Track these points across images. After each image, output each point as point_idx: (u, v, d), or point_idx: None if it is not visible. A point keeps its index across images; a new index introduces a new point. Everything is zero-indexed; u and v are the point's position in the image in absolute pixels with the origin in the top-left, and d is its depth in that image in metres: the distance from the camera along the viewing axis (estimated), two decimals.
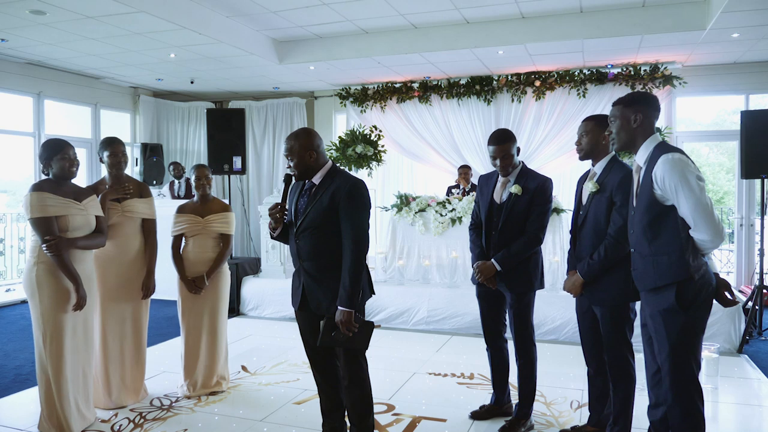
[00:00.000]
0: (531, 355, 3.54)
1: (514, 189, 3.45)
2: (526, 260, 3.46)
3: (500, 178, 3.55)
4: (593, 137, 3.15)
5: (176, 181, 8.87)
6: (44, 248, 3.32)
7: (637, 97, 2.75)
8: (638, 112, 2.70)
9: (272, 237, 3.11)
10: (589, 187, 3.15)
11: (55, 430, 3.45)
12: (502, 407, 3.78)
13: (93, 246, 3.60)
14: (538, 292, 3.61)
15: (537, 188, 3.43)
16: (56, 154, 3.43)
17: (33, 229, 3.37)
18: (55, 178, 3.48)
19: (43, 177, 3.53)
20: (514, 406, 3.69)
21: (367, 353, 3.25)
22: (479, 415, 3.79)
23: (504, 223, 3.47)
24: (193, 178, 4.30)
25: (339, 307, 2.83)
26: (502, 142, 3.44)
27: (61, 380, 3.43)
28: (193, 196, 4.38)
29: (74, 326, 3.50)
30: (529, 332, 3.53)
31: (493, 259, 3.47)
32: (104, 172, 4.04)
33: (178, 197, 8.65)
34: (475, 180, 8.36)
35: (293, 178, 3.01)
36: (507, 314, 3.62)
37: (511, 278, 3.47)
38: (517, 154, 3.51)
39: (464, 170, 8.06)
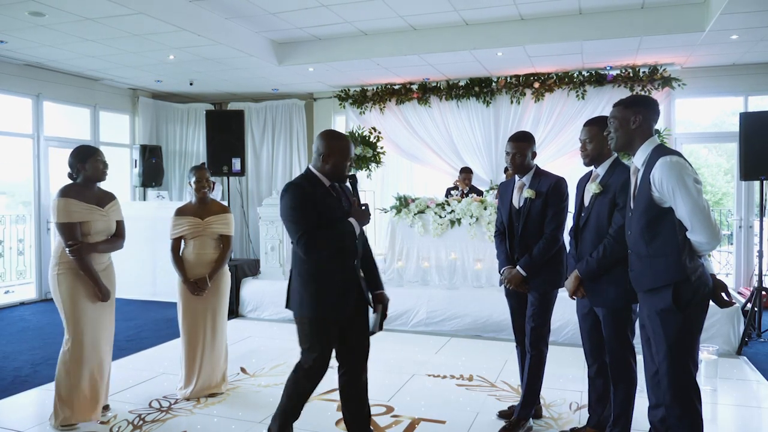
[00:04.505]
0: (542, 351, 3.55)
1: (528, 193, 3.51)
2: (549, 260, 3.50)
3: (517, 183, 3.62)
4: (598, 143, 3.15)
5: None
6: (68, 252, 3.58)
7: (637, 100, 2.79)
8: (637, 114, 2.72)
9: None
10: (591, 188, 3.15)
11: (67, 417, 3.64)
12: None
13: (112, 249, 3.87)
14: None
15: (550, 189, 3.48)
16: (91, 156, 3.70)
17: (58, 232, 3.62)
18: (85, 181, 3.71)
19: (68, 182, 3.72)
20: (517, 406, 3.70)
21: None
22: (506, 414, 3.80)
23: (523, 227, 3.54)
24: (192, 180, 4.27)
25: (383, 291, 3.26)
26: (518, 140, 3.56)
27: (82, 371, 3.65)
28: (191, 199, 4.35)
29: (97, 322, 3.73)
30: (545, 330, 3.55)
31: (517, 266, 3.53)
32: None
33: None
34: (475, 183, 8.38)
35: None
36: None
37: (534, 279, 3.52)
38: (533, 158, 3.58)
39: (466, 173, 8.06)
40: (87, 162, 3.69)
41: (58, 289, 3.65)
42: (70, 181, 3.75)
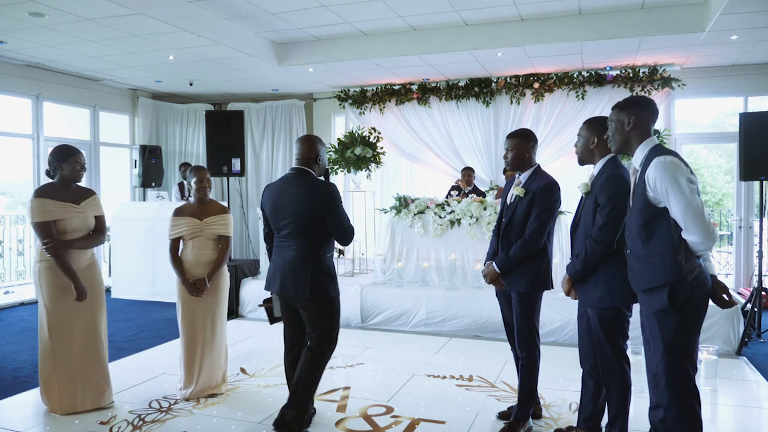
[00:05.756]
0: (533, 354, 3.53)
1: (518, 191, 3.49)
2: (527, 261, 3.47)
3: (515, 180, 3.61)
4: (583, 142, 3.20)
5: (185, 183, 8.78)
6: (44, 250, 3.69)
7: (631, 102, 2.81)
8: (631, 115, 2.75)
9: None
10: (581, 188, 3.18)
11: (51, 406, 3.87)
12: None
13: (91, 245, 3.91)
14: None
15: (539, 189, 3.43)
16: (69, 157, 3.79)
17: (35, 232, 3.73)
18: (62, 181, 3.80)
19: (46, 181, 3.84)
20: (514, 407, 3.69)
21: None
22: (506, 415, 3.80)
23: (507, 223, 3.52)
24: (193, 180, 4.26)
25: None
26: (513, 136, 3.56)
27: (63, 365, 3.80)
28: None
29: (77, 318, 3.84)
30: (532, 332, 3.52)
31: (493, 263, 3.53)
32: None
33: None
34: (477, 182, 8.38)
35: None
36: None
37: (511, 279, 3.51)
38: (527, 154, 3.53)
39: (467, 172, 8.05)
40: (65, 162, 3.78)
41: (39, 285, 3.81)
42: (47, 180, 3.87)
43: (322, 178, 3.57)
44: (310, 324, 3.51)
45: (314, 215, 3.38)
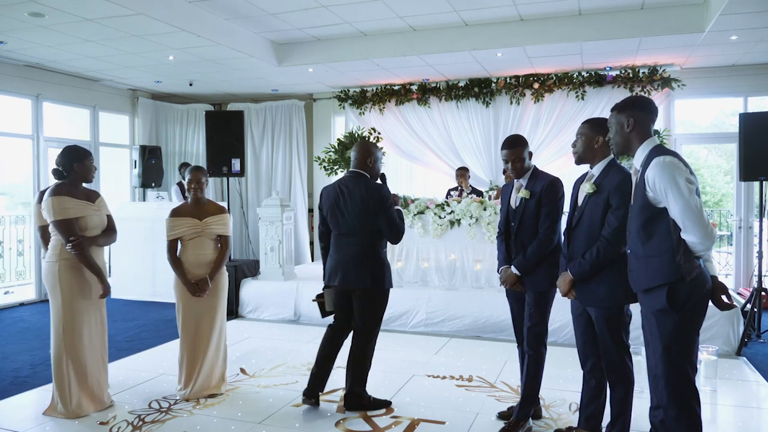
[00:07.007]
0: (540, 351, 3.55)
1: (522, 193, 3.54)
2: (543, 261, 3.50)
3: (515, 184, 3.65)
4: (585, 141, 3.19)
5: (184, 183, 8.77)
6: (68, 247, 3.69)
7: (628, 103, 2.80)
8: (630, 117, 2.75)
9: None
10: (586, 188, 3.16)
11: (66, 411, 3.80)
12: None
13: (109, 242, 4.00)
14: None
15: (544, 189, 3.49)
16: (85, 158, 3.85)
17: (56, 230, 3.73)
18: (74, 181, 3.83)
19: (49, 181, 3.74)
20: (516, 406, 3.69)
21: None
22: (506, 415, 3.80)
23: (518, 227, 3.56)
24: (187, 180, 4.27)
25: None
26: (513, 146, 3.57)
27: (79, 365, 3.81)
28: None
29: (90, 317, 3.88)
30: (543, 330, 3.56)
31: (512, 266, 3.56)
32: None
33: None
34: (475, 183, 8.38)
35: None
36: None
37: (530, 280, 3.54)
38: (529, 158, 3.61)
39: (461, 172, 8.03)
40: (81, 163, 3.83)
41: (58, 285, 3.76)
42: (51, 180, 3.91)
43: (379, 181, 3.95)
44: (363, 313, 3.89)
45: (368, 214, 3.76)
